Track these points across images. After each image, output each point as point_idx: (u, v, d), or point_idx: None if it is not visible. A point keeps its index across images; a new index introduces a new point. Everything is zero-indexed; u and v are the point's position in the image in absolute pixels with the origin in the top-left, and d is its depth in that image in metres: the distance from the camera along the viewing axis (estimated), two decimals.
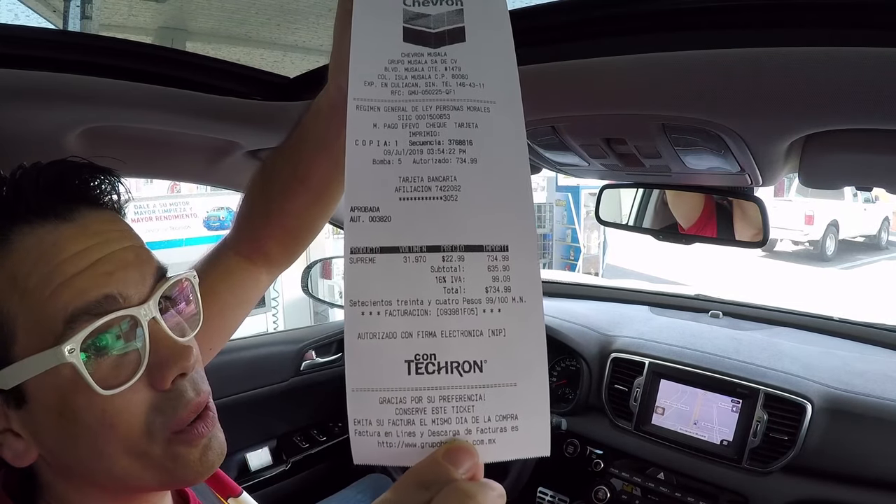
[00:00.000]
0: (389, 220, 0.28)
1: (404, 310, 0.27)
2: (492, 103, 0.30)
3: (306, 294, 1.88)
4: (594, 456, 1.17)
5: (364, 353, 0.27)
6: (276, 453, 1.45)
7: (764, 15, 0.43)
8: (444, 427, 0.27)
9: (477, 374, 0.27)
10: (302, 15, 3.35)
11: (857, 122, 0.54)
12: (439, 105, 0.30)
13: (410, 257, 0.27)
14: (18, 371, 0.35)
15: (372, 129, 0.29)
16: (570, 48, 0.49)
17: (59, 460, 0.37)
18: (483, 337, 0.27)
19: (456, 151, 0.29)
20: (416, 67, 0.31)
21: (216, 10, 3.31)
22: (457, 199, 0.28)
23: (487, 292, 0.27)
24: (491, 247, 0.28)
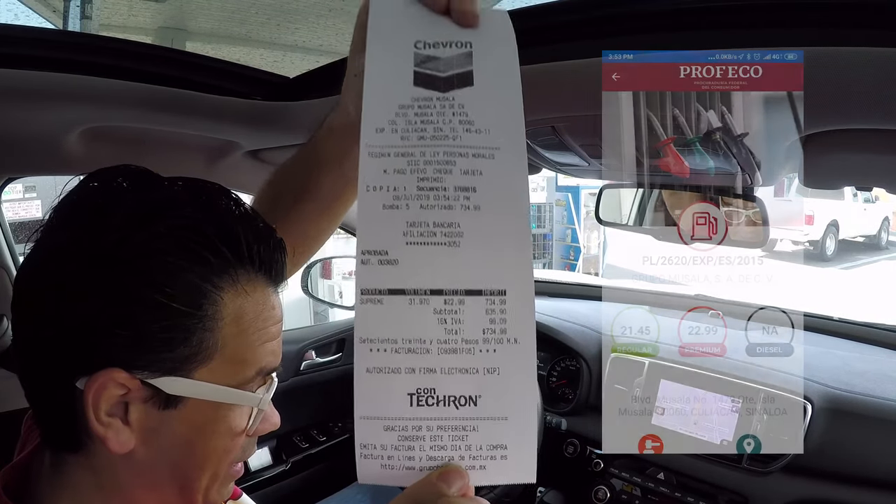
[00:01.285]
0: (397, 264, 0.30)
1: (408, 348, 0.30)
2: (496, 150, 0.32)
3: (306, 294, 1.87)
4: (594, 456, 1.17)
5: (371, 386, 0.30)
6: (275, 453, 1.45)
7: (765, 15, 0.43)
8: (441, 453, 0.30)
9: (472, 408, 0.30)
10: (302, 15, 3.36)
11: (857, 122, 0.54)
12: (446, 151, 0.32)
13: (415, 299, 0.30)
14: (196, 389, 0.39)
15: (382, 175, 0.31)
16: (571, 48, 0.49)
17: (150, 461, 0.40)
18: (479, 374, 0.30)
19: (461, 198, 0.31)
20: (426, 112, 0.33)
21: (216, 10, 3.32)
22: (459, 245, 0.30)
23: (484, 333, 0.30)
24: (490, 291, 0.30)
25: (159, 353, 0.38)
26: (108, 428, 0.38)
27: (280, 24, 3.25)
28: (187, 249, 0.38)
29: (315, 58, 3.55)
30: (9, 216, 1.25)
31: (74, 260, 0.37)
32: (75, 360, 0.38)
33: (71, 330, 0.37)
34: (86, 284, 0.37)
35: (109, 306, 0.37)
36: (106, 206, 0.39)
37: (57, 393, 0.39)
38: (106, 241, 0.37)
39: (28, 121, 0.78)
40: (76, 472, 0.42)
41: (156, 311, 0.37)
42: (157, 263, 0.37)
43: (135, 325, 0.37)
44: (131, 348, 0.37)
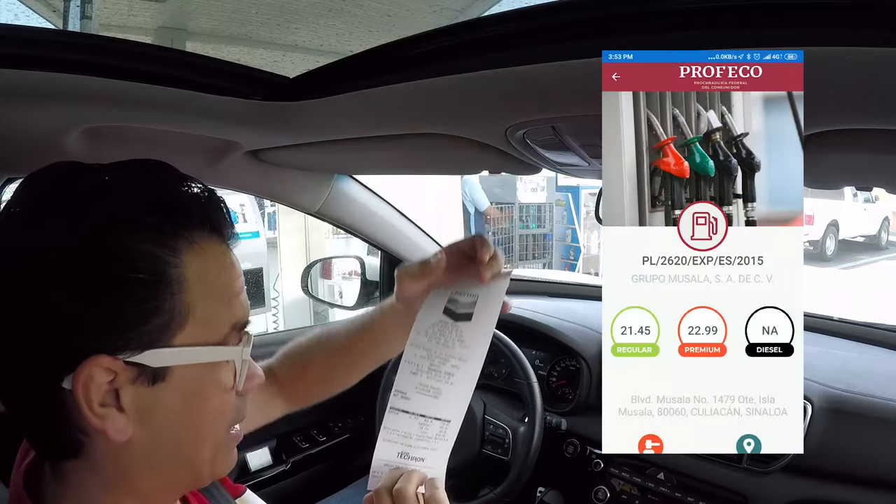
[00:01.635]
0: (408, 399, 0.57)
1: (403, 433, 0.57)
2: (470, 356, 0.59)
3: (306, 294, 1.87)
4: (594, 456, 1.17)
5: (378, 449, 0.57)
6: (276, 453, 1.45)
7: (765, 15, 0.43)
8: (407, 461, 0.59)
9: (422, 462, 0.58)
10: (302, 15, 3.36)
11: (857, 122, 0.54)
12: (446, 353, 0.58)
13: (411, 417, 0.57)
14: (178, 355, 0.40)
15: (415, 357, 0.58)
16: (571, 48, 0.49)
17: (150, 442, 0.41)
18: (429, 450, 0.58)
19: (445, 378, 0.58)
20: (442, 329, 0.59)
21: (216, 10, 3.32)
22: (438, 398, 0.58)
23: (436, 437, 0.58)
24: (444, 419, 0.58)
25: (136, 328, 0.38)
26: (104, 419, 0.39)
27: (280, 24, 3.25)
28: (139, 222, 0.39)
29: (315, 58, 3.55)
30: None
31: (28, 260, 0.37)
32: (55, 360, 0.37)
33: (43, 331, 0.37)
34: (46, 281, 0.36)
35: (76, 296, 0.37)
36: (46, 199, 0.39)
37: (44, 402, 0.39)
38: (55, 233, 0.37)
39: (28, 121, 0.78)
40: (79, 477, 0.42)
41: (123, 288, 0.38)
42: (114, 242, 0.38)
43: (106, 306, 0.37)
44: (108, 331, 0.38)
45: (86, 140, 0.87)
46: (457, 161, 1.07)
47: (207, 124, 0.86)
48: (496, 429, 1.20)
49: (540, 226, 6.09)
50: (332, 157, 1.09)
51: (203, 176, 0.67)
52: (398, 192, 2.08)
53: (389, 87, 0.63)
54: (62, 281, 0.36)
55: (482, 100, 0.65)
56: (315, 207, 1.36)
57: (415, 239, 1.57)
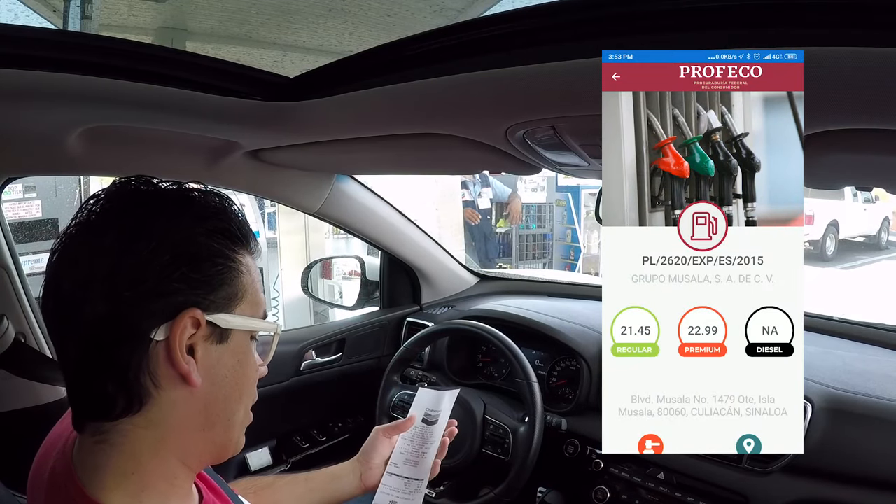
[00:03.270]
0: (398, 467, 0.88)
1: (393, 488, 0.87)
2: (434, 443, 0.90)
3: (306, 294, 1.87)
4: (594, 456, 1.17)
5: (378, 496, 0.87)
6: (276, 453, 1.45)
7: (765, 15, 0.43)
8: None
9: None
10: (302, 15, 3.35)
11: (857, 122, 0.54)
12: (421, 441, 0.90)
13: (399, 478, 0.88)
14: (239, 321, 0.50)
15: (404, 444, 0.90)
16: (571, 48, 0.49)
17: (207, 395, 0.49)
18: (408, 499, 0.87)
19: (420, 455, 0.89)
20: (421, 430, 0.91)
21: (216, 10, 3.31)
22: (416, 467, 0.88)
23: (414, 491, 0.87)
24: (419, 479, 0.88)
25: (216, 292, 0.48)
26: (189, 365, 0.47)
27: (280, 24, 3.24)
28: (218, 229, 0.50)
29: (315, 58, 3.54)
30: (9, 216, 1.25)
31: (145, 239, 0.46)
32: (158, 312, 0.46)
33: (153, 285, 0.45)
34: (160, 252, 0.46)
35: (181, 259, 0.46)
36: (152, 201, 0.49)
37: (129, 356, 0.46)
38: (162, 223, 0.47)
39: (28, 121, 0.78)
40: (133, 437, 0.47)
41: (211, 257, 0.48)
42: (202, 232, 0.49)
43: (200, 269, 0.47)
44: (199, 291, 0.47)
45: (86, 140, 0.87)
46: (457, 161, 1.07)
47: (207, 124, 0.86)
48: (496, 429, 1.20)
49: (540, 226, 6.09)
50: (332, 157, 1.09)
51: (203, 176, 0.68)
52: (398, 192, 2.08)
53: (389, 87, 0.63)
54: (174, 251, 0.46)
55: (482, 100, 0.65)
56: (315, 207, 1.36)
57: (415, 239, 1.57)
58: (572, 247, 6.11)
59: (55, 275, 0.47)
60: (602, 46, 0.46)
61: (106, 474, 0.47)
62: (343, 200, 1.39)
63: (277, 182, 1.25)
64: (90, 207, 0.48)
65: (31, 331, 1.12)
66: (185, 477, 0.52)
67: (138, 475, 0.48)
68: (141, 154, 0.99)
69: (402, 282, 1.65)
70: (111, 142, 0.91)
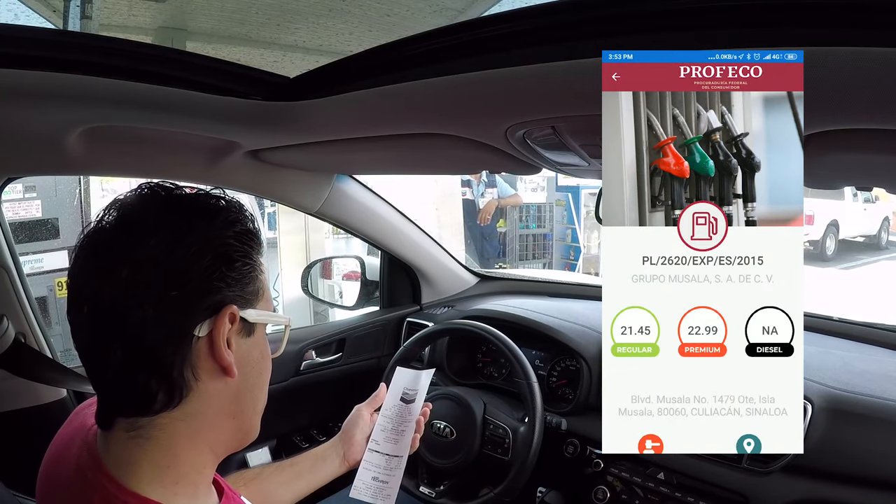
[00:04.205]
0: (379, 444, 0.95)
1: (375, 464, 0.94)
2: (411, 421, 0.96)
3: (306, 294, 1.87)
4: (594, 456, 1.17)
5: (360, 473, 0.93)
6: (276, 453, 1.45)
7: (765, 15, 0.43)
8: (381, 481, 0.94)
9: (385, 483, 0.92)
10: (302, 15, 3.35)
11: (857, 122, 0.54)
12: (401, 419, 0.96)
13: (380, 455, 0.94)
14: (262, 316, 0.55)
15: (384, 422, 0.96)
16: (571, 48, 0.49)
17: (240, 386, 0.53)
18: (389, 476, 0.93)
19: (399, 433, 0.95)
20: (400, 409, 0.97)
21: (216, 10, 3.31)
22: (396, 444, 0.94)
23: (394, 468, 0.93)
24: (399, 456, 0.94)
25: (246, 289, 0.52)
26: (229, 357, 0.50)
27: (280, 24, 3.24)
28: (243, 232, 0.54)
29: (315, 58, 3.54)
30: (9, 216, 1.24)
31: (186, 244, 0.49)
32: (200, 308, 0.49)
33: (197, 285, 0.49)
34: (201, 255, 0.49)
35: (219, 260, 0.50)
36: (186, 208, 0.52)
37: (174, 353, 0.48)
38: (199, 225, 0.51)
39: (28, 121, 0.78)
40: (169, 429, 0.50)
41: (242, 258, 0.52)
42: (233, 235, 0.52)
43: (234, 268, 0.51)
44: (235, 289, 0.51)
45: (86, 140, 0.87)
46: (457, 161, 1.07)
47: (207, 124, 0.86)
48: (496, 429, 1.20)
49: (540, 226, 6.08)
50: (332, 157, 1.09)
51: (203, 176, 0.67)
52: (398, 192, 2.08)
53: (389, 87, 0.63)
54: (213, 253, 0.50)
55: (482, 100, 0.65)
56: (315, 207, 1.36)
57: (415, 239, 1.57)
58: (572, 247, 6.11)
59: (88, 283, 0.48)
60: (602, 46, 0.46)
61: (142, 468, 0.49)
62: (343, 200, 1.39)
63: (277, 182, 1.25)
64: (112, 215, 0.50)
65: (32, 331, 1.12)
66: (212, 466, 0.55)
67: (174, 467, 0.50)
68: (141, 154, 0.99)
69: (402, 282, 1.65)
70: (111, 142, 0.91)
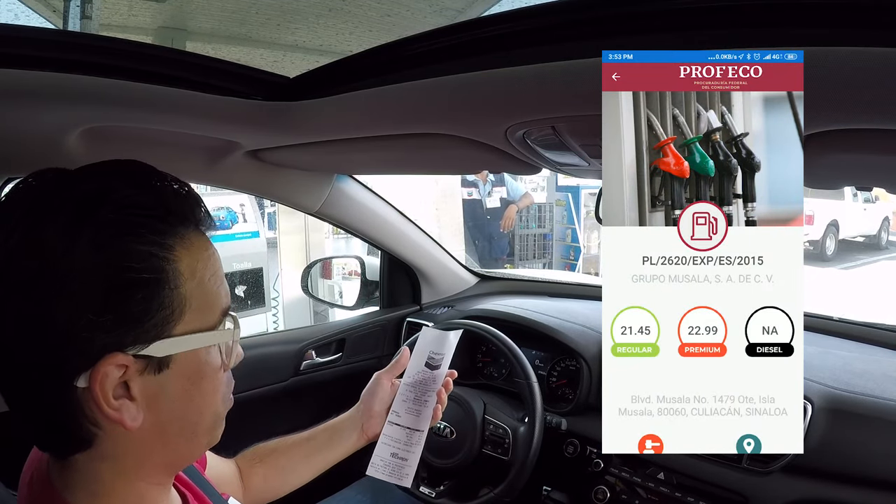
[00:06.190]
0: (400, 416, 0.85)
1: (395, 439, 0.85)
2: (434, 390, 0.86)
3: (306, 294, 1.87)
4: (594, 456, 1.17)
5: (378, 448, 0.84)
6: None
7: (765, 15, 0.43)
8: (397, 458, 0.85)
9: (405, 461, 0.84)
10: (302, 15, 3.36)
11: (857, 122, 0.54)
12: (424, 388, 0.86)
13: (401, 428, 0.85)
14: (180, 343, 0.43)
15: (407, 391, 0.87)
16: (571, 48, 0.49)
17: (159, 424, 0.45)
18: (409, 452, 0.83)
19: (423, 403, 0.85)
20: (424, 375, 0.87)
21: (216, 10, 3.32)
22: (418, 417, 0.85)
23: (415, 443, 0.84)
24: (420, 430, 0.85)
25: (143, 324, 0.41)
26: (119, 411, 0.42)
27: (280, 24, 3.25)
28: (136, 225, 0.41)
29: (315, 58, 3.55)
30: None
31: (36, 277, 0.38)
32: (71, 362, 0.40)
33: (58, 336, 0.39)
34: (57, 295, 0.38)
35: (87, 305, 0.39)
36: (45, 212, 0.40)
37: (59, 401, 0.41)
38: (59, 248, 0.38)
39: (28, 121, 0.78)
40: (91, 467, 0.45)
41: (129, 290, 0.40)
42: (116, 248, 0.40)
43: (115, 309, 0.40)
44: (118, 331, 0.40)
45: (86, 140, 0.87)
46: (457, 161, 1.07)
47: (207, 124, 0.86)
48: (496, 429, 1.20)
49: (540, 226, 6.09)
50: (332, 157, 1.09)
51: (203, 176, 0.67)
52: (398, 192, 2.08)
53: (389, 87, 0.63)
54: (72, 293, 0.39)
55: (482, 100, 0.65)
56: (315, 207, 1.36)
57: (415, 239, 1.57)
58: (572, 247, 6.11)
59: None
60: (602, 46, 0.46)
61: (77, 492, 0.45)
62: (343, 200, 1.39)
63: (277, 182, 1.25)
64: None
65: None
66: (158, 488, 0.50)
67: (106, 496, 0.46)
68: (141, 154, 0.98)
69: (402, 282, 1.65)
70: (111, 142, 0.90)
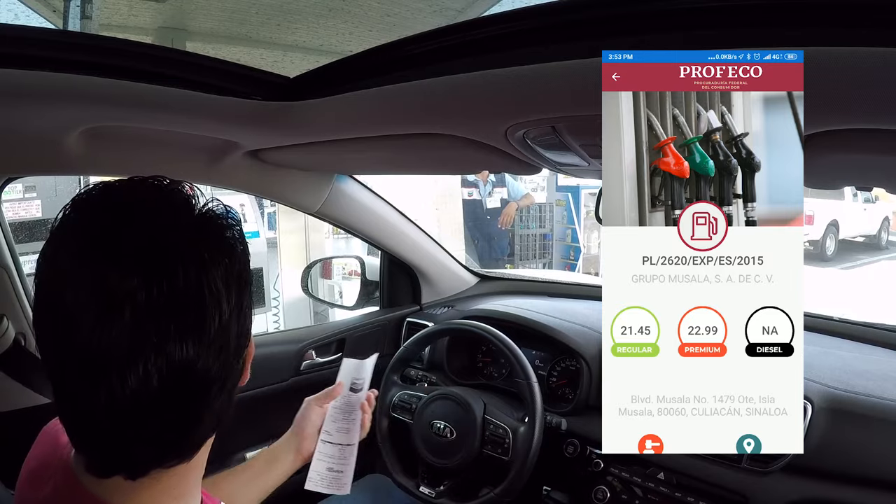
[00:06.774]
0: (331, 435, 0.96)
1: (329, 455, 0.95)
2: (357, 410, 0.99)
3: (306, 294, 1.87)
4: (594, 456, 1.17)
5: (314, 464, 0.93)
6: None
7: (765, 15, 0.43)
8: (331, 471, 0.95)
9: (340, 473, 0.95)
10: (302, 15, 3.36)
11: (857, 122, 0.54)
12: (349, 409, 0.98)
13: (333, 445, 0.96)
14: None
15: (335, 413, 0.98)
16: (571, 48, 0.49)
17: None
18: (343, 465, 0.95)
19: (350, 421, 0.97)
20: (349, 398, 0.99)
21: (216, 10, 3.32)
22: (347, 434, 0.96)
23: (347, 457, 0.95)
24: (350, 444, 0.96)
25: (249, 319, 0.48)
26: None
27: (280, 24, 3.24)
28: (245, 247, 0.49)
29: (315, 58, 3.54)
30: (9, 216, 1.24)
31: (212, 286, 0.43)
32: (237, 367, 0.46)
33: (237, 340, 0.45)
34: (235, 288, 0.44)
35: (232, 312, 0.44)
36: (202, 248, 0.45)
37: (221, 410, 0.45)
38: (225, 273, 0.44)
39: (28, 121, 0.78)
40: (187, 477, 0.47)
41: (248, 288, 0.47)
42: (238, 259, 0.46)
43: (245, 311, 0.46)
44: (246, 327, 0.47)
45: (86, 140, 0.87)
46: (457, 161, 1.07)
47: (207, 124, 0.86)
48: (496, 429, 1.20)
49: (540, 226, 6.09)
50: (332, 157, 1.09)
51: (203, 176, 0.67)
52: (398, 192, 2.08)
53: (389, 87, 0.63)
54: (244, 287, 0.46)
55: (482, 100, 0.65)
56: (315, 207, 1.36)
57: (415, 239, 1.57)
58: (572, 247, 6.11)
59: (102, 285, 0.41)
60: (602, 46, 0.46)
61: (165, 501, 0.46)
62: (343, 200, 1.39)
63: (277, 182, 1.25)
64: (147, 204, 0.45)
65: (32, 331, 1.12)
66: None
67: (193, 499, 0.49)
68: (141, 154, 0.99)
69: (402, 282, 1.65)
70: (111, 142, 0.91)
